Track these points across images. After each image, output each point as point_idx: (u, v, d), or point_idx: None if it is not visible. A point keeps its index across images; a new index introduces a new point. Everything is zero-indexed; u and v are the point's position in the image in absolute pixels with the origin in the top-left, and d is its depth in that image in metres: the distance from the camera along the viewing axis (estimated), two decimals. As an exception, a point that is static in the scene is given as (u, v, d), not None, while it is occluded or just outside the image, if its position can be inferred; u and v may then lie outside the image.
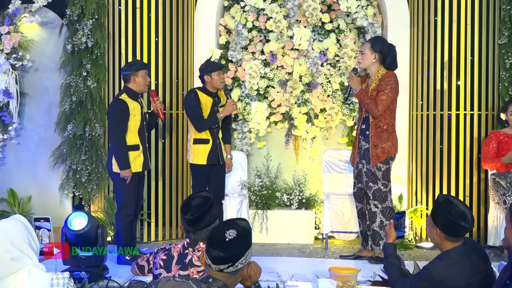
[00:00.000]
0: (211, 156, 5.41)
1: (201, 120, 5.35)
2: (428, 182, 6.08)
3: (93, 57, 6.14)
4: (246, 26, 6.45)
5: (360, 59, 5.10)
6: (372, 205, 5.04)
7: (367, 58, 5.06)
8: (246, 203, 6.00)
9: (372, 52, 5.05)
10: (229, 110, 5.43)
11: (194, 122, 5.38)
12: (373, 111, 4.96)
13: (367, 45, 5.10)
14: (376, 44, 5.09)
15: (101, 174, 6.15)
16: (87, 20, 6.07)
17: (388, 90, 4.98)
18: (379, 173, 5.02)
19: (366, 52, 5.07)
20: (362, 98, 4.99)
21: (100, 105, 6.21)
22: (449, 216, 3.19)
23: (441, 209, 3.24)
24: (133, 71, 5.19)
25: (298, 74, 6.45)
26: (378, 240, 5.05)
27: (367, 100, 4.96)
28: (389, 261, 3.59)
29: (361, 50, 5.12)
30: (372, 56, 5.04)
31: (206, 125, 5.36)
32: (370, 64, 5.07)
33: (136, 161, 5.14)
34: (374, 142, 5.02)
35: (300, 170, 6.51)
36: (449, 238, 3.24)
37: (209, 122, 5.37)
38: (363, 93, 4.99)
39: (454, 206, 3.21)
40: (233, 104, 5.44)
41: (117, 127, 5.07)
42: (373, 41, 5.14)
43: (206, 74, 5.39)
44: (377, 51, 5.05)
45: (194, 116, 5.37)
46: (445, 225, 3.21)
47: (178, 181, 6.30)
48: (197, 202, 3.10)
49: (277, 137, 6.67)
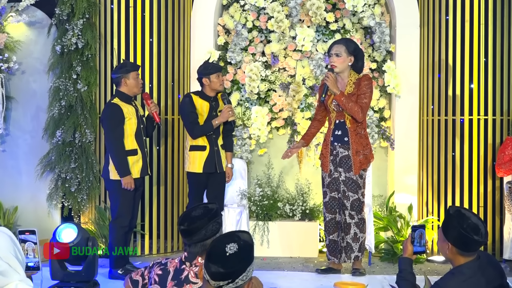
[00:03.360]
0: (207, 164, 5.42)
1: (195, 127, 5.36)
2: (440, 191, 6.08)
3: (83, 58, 6.15)
4: (246, 26, 6.47)
5: (336, 62, 5.05)
6: (348, 215, 5.07)
7: (344, 61, 5.05)
8: (246, 214, 6.00)
9: (348, 54, 5.05)
10: (225, 117, 5.43)
11: (188, 128, 5.42)
12: (358, 115, 4.97)
13: (341, 47, 5.06)
14: (351, 46, 5.08)
15: (92, 183, 6.15)
16: (77, 20, 6.08)
17: (369, 94, 5.05)
18: (361, 181, 5.07)
19: (342, 54, 5.04)
20: (345, 102, 4.97)
21: (91, 109, 6.22)
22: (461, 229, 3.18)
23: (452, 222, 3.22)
24: (123, 73, 5.21)
25: (301, 76, 6.46)
26: (350, 253, 5.11)
27: (350, 104, 4.96)
28: (402, 276, 3.57)
29: (335, 52, 5.05)
30: (348, 59, 5.05)
31: (200, 132, 5.38)
32: (345, 68, 5.07)
33: (135, 167, 5.16)
34: (356, 148, 5.04)
35: (303, 179, 6.51)
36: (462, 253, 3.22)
37: (203, 128, 5.38)
38: (345, 96, 4.98)
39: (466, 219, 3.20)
40: (229, 110, 5.44)
41: (113, 133, 5.09)
42: (346, 43, 5.11)
43: (204, 77, 5.41)
44: (352, 53, 5.06)
45: (188, 122, 5.39)
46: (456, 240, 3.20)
47: (174, 190, 6.30)
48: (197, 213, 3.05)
49: (279, 144, 6.67)
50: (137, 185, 5.24)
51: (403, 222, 6.07)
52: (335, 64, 5.03)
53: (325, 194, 5.22)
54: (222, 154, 5.54)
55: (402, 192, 6.26)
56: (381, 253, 6.05)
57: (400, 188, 6.27)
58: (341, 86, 5.07)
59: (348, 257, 5.13)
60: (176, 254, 6.11)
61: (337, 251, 5.24)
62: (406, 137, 6.29)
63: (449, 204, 5.93)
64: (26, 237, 3.54)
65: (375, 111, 6.45)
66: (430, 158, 6.17)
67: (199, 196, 5.50)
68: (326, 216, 5.24)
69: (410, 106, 6.29)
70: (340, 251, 5.20)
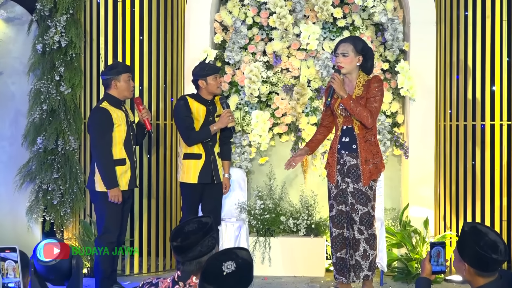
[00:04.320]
0: (203, 173, 5.41)
1: (191, 133, 5.36)
2: (459, 204, 6.07)
3: (67, 58, 6.16)
4: (246, 22, 6.48)
5: (342, 62, 5.03)
6: (357, 230, 5.05)
7: (351, 61, 5.04)
8: (245, 229, 5.99)
9: (356, 54, 5.04)
10: (224, 122, 5.43)
11: (183, 135, 5.41)
12: (367, 120, 4.96)
13: (348, 46, 5.04)
14: (359, 44, 5.06)
15: (76, 195, 6.15)
16: (61, 16, 6.08)
17: (379, 97, 5.02)
18: (370, 192, 5.05)
19: (349, 54, 5.03)
20: (353, 106, 4.96)
21: (75, 114, 6.22)
22: (477, 248, 3.15)
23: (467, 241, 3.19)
24: (114, 75, 5.21)
25: (306, 78, 6.47)
26: (359, 272, 5.08)
27: (359, 108, 4.95)
28: (420, 298, 3.56)
29: (342, 52, 5.04)
30: (356, 59, 5.03)
31: (196, 138, 5.38)
32: (353, 69, 5.07)
33: (122, 178, 5.15)
34: (365, 157, 5.03)
35: (308, 190, 6.50)
36: (480, 273, 3.19)
37: (200, 135, 5.39)
38: (352, 100, 4.98)
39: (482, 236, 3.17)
40: (229, 115, 5.44)
41: (101, 140, 5.08)
42: (354, 41, 5.10)
43: (200, 79, 5.41)
44: (361, 52, 5.06)
45: (183, 128, 5.39)
46: (473, 259, 3.17)
47: (167, 203, 6.28)
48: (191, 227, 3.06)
49: (281, 152, 6.66)
50: (125, 197, 5.23)
51: (418, 238, 6.05)
52: (342, 65, 5.02)
53: (332, 207, 5.21)
54: (219, 163, 5.54)
55: (417, 205, 6.24)
56: (394, 272, 6.04)
57: (415, 200, 6.25)
58: (349, 88, 5.07)
59: (357, 277, 5.12)
60: (168, 273, 6.10)
61: (345, 269, 5.23)
62: (421, 145, 6.27)
63: (469, 218, 5.93)
64: (6, 255, 3.52)
65: (387, 115, 6.45)
66: (448, 167, 6.16)
67: (194, 209, 5.49)
68: (333, 231, 5.23)
69: (425, 110, 6.28)
70: (349, 269, 5.19)
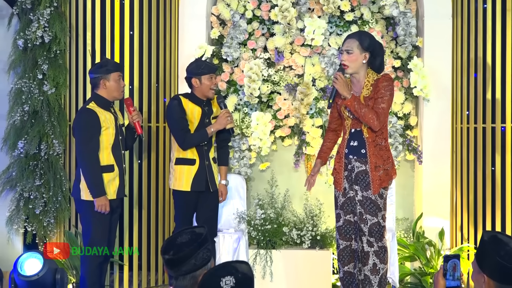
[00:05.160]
0: (197, 180, 5.40)
1: (186, 135, 5.35)
2: (477, 213, 6.07)
3: (51, 55, 6.17)
4: (245, 16, 6.47)
5: (346, 60, 5.00)
6: (366, 242, 5.04)
7: (357, 59, 5.00)
8: (244, 241, 5.99)
9: (361, 51, 5.00)
10: (222, 123, 5.42)
11: (177, 137, 5.38)
12: (373, 123, 4.94)
13: (353, 42, 5.00)
14: (365, 40, 5.01)
15: (60, 204, 6.15)
16: (44, 9, 6.09)
17: (388, 97, 4.98)
18: (381, 201, 5.02)
19: (354, 51, 5.00)
20: (358, 108, 4.94)
21: (60, 116, 6.23)
22: (498, 258, 3.16)
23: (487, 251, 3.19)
24: (103, 73, 5.19)
25: (310, 76, 6.47)
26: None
27: (364, 109, 4.93)
28: (433, 316, 3.56)
29: (346, 48, 5.01)
30: (362, 56, 5.00)
31: (192, 141, 5.36)
32: (359, 67, 5.04)
33: (110, 186, 5.14)
34: (375, 162, 5.01)
35: (313, 199, 6.48)
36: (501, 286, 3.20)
37: (196, 137, 5.38)
38: (357, 101, 4.96)
39: (503, 245, 3.18)
40: (227, 116, 5.43)
41: (87, 145, 5.06)
42: (360, 36, 5.06)
43: (194, 77, 5.40)
44: (367, 49, 5.03)
45: (177, 130, 5.37)
46: (493, 271, 3.18)
47: (159, 213, 6.28)
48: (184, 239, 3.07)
49: (284, 157, 6.67)
50: (114, 207, 5.21)
51: (433, 250, 6.07)
52: (346, 63, 4.99)
53: (339, 217, 5.20)
54: (214, 169, 5.52)
55: (432, 214, 6.23)
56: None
57: (429, 209, 6.24)
58: (357, 89, 5.05)
59: None
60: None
61: (353, 285, 5.22)
62: (436, 149, 6.27)
63: (488, 228, 5.93)
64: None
65: (399, 117, 6.45)
66: (465, 173, 6.16)
67: (188, 219, 5.47)
68: (340, 244, 5.22)
69: (441, 111, 6.28)
70: (357, 285, 5.18)
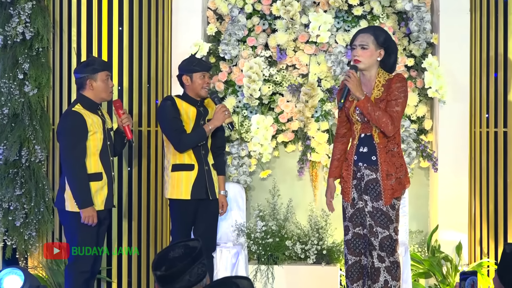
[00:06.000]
0: (197, 187, 5.38)
1: (182, 136, 5.33)
2: (498, 226, 6.08)
3: (32, 53, 6.20)
4: (244, 10, 6.46)
5: (361, 56, 4.99)
6: (376, 257, 5.02)
7: (371, 55, 5.00)
8: (244, 255, 5.99)
9: (377, 47, 5.00)
10: (220, 119, 5.40)
11: (172, 139, 5.36)
12: (387, 127, 4.93)
13: (368, 37, 5.00)
14: (381, 36, 5.01)
15: (43, 215, 6.16)
16: (25, 3, 6.13)
17: (402, 100, 4.98)
18: (393, 212, 5.01)
19: (369, 46, 5.00)
20: (371, 110, 4.93)
21: (42, 119, 6.25)
22: (521, 272, 3.18)
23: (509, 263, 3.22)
24: (89, 73, 5.18)
25: (315, 76, 6.45)
26: None
27: (378, 112, 4.91)
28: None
29: (360, 43, 5.00)
30: (376, 52, 4.99)
31: (189, 142, 5.34)
32: (372, 64, 5.03)
33: (98, 196, 5.13)
34: (386, 170, 4.99)
35: (319, 210, 6.47)
36: (526, 304, 3.22)
37: (193, 137, 5.36)
38: (370, 103, 4.96)
39: (527, 258, 3.21)
40: (224, 110, 5.41)
41: (73, 150, 5.05)
42: (375, 32, 5.05)
43: (185, 74, 5.41)
44: (382, 46, 5.03)
45: (172, 131, 5.35)
46: (516, 286, 3.20)
47: (151, 225, 6.30)
48: (176, 253, 3.07)
49: (287, 164, 6.66)
50: (101, 218, 5.20)
51: (449, 266, 6.07)
52: (360, 59, 4.98)
53: (347, 230, 5.18)
54: (214, 176, 5.51)
55: (449, 227, 6.23)
56: (421, 307, 6.04)
57: (445, 221, 6.24)
58: (367, 88, 5.04)
59: None
60: (153, 308, 6.09)
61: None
62: (453, 155, 6.27)
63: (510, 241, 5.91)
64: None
65: (413, 121, 6.43)
66: (484, 182, 6.17)
67: (186, 231, 5.44)
68: (349, 259, 5.20)
69: (458, 114, 6.27)
70: None
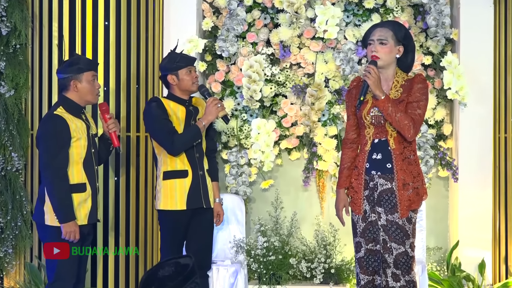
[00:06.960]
0: (192, 196, 5.36)
1: (174, 137, 5.30)
2: (525, 242, 6.06)
3: (9, 50, 6.25)
4: (244, 3, 6.45)
5: (380, 51, 5.00)
6: (391, 276, 5.02)
7: (391, 51, 5.01)
8: (243, 274, 5.99)
9: (396, 43, 5.02)
10: (213, 113, 5.38)
11: (164, 142, 5.33)
12: (408, 131, 4.93)
13: (387, 32, 5.01)
14: (400, 31, 5.04)
15: (21, 230, 6.19)
16: (2, -4, 6.14)
17: (424, 102, 5.00)
18: (409, 226, 5.00)
19: (388, 41, 5.00)
20: (392, 111, 4.92)
21: (20, 123, 6.28)
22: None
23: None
24: (73, 73, 5.17)
25: (323, 76, 6.44)
26: None
27: (399, 114, 4.91)
28: None
29: (379, 38, 5.01)
30: (396, 49, 5.01)
31: (183, 142, 5.32)
32: (391, 62, 5.04)
33: (81, 209, 5.10)
34: (403, 180, 4.99)
35: (326, 224, 6.48)
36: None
37: (188, 136, 5.34)
38: (392, 103, 4.96)
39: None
40: (216, 103, 5.40)
41: (54, 159, 5.03)
42: (394, 26, 5.08)
43: (170, 73, 5.41)
44: (402, 42, 5.04)
45: (162, 133, 5.32)
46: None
47: (140, 241, 6.34)
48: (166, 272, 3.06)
49: (290, 173, 6.67)
50: (85, 234, 5.18)
51: (471, 286, 6.06)
52: (379, 55, 4.99)
53: (359, 247, 5.17)
54: (209, 183, 5.50)
55: (470, 243, 6.24)
56: (440, 332, 6.03)
57: (467, 237, 6.25)
58: (384, 88, 5.04)
59: None
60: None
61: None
62: (475, 164, 6.28)
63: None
64: None
65: (431, 125, 6.44)
66: (510, 193, 6.20)
67: (177, 246, 5.43)
68: (361, 279, 5.19)
69: (480, 118, 6.29)
70: None
